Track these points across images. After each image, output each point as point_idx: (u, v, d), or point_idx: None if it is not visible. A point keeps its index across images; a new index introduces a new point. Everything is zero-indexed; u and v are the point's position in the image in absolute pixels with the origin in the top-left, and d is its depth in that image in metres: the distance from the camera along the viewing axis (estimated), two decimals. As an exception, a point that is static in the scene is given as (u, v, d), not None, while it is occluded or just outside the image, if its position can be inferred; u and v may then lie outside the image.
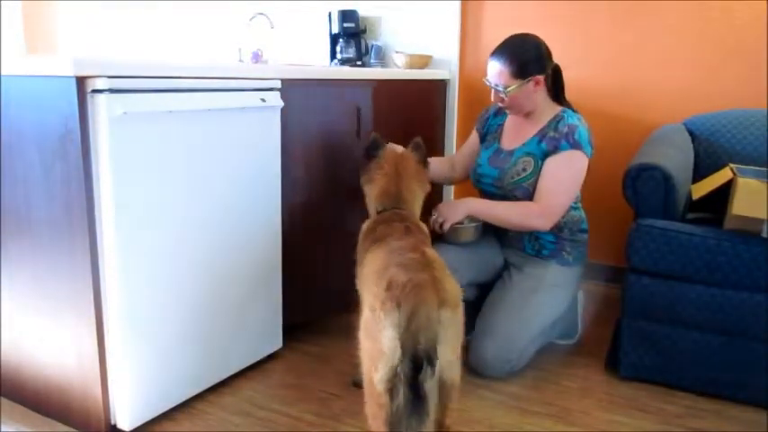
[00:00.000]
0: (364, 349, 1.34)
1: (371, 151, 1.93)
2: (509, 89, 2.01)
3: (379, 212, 1.83)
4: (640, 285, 1.92)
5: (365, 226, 1.82)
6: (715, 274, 1.83)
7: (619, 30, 2.74)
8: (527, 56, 2.01)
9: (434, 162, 2.15)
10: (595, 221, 2.32)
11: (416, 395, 1.21)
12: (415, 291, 1.27)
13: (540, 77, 2.02)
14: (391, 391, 1.26)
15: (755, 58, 2.52)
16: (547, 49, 2.05)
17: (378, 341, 1.26)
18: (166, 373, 1.71)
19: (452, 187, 3.13)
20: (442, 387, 1.32)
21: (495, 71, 2.03)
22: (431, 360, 1.21)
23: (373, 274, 1.43)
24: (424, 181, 1.95)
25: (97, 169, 1.49)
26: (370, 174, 1.90)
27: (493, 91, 2.07)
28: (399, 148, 2.00)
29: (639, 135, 2.64)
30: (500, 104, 2.11)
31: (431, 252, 1.51)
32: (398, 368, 1.22)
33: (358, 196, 1.99)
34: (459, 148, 3.19)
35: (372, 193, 1.89)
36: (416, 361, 1.21)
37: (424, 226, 1.80)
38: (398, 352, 1.23)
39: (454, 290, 1.35)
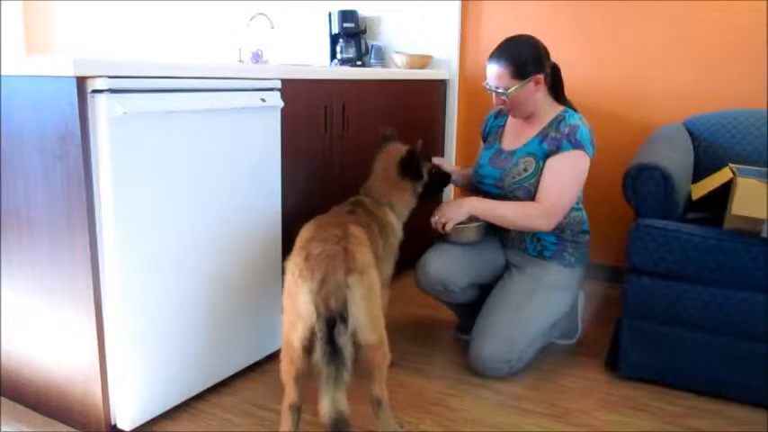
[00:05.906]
0: (286, 311, 1.54)
1: (381, 143, 2.08)
2: (510, 90, 2.01)
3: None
4: (640, 285, 1.93)
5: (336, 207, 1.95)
6: (715, 274, 1.83)
7: (618, 30, 2.74)
8: (525, 56, 2.00)
9: (466, 171, 2.32)
10: (595, 221, 2.32)
11: (333, 348, 1.41)
12: (326, 261, 1.47)
13: (540, 76, 2.01)
14: (307, 348, 1.47)
15: (755, 58, 2.52)
16: (544, 47, 2.05)
17: (296, 304, 1.47)
18: (166, 373, 1.71)
19: (453, 187, 3.12)
20: (359, 349, 1.49)
21: (495, 74, 2.03)
22: (343, 318, 1.42)
23: (298, 246, 1.61)
24: (402, 188, 2.00)
25: (97, 169, 1.49)
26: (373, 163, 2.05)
27: (494, 94, 2.07)
28: (402, 148, 2.02)
29: (639, 135, 2.64)
30: (502, 107, 2.11)
31: (354, 228, 1.64)
32: (315, 327, 1.43)
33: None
34: (458, 148, 3.20)
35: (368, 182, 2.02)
36: (331, 320, 1.41)
37: (388, 214, 1.93)
38: (314, 314, 1.43)
39: (363, 259, 1.53)
